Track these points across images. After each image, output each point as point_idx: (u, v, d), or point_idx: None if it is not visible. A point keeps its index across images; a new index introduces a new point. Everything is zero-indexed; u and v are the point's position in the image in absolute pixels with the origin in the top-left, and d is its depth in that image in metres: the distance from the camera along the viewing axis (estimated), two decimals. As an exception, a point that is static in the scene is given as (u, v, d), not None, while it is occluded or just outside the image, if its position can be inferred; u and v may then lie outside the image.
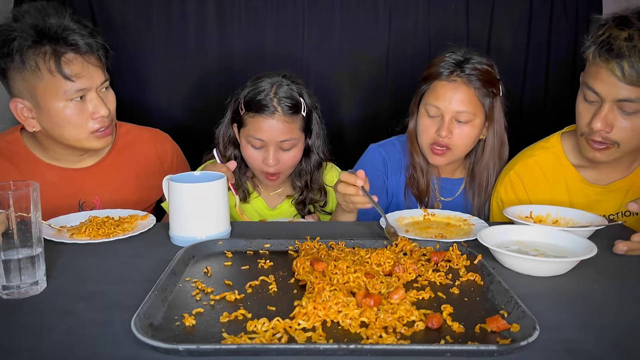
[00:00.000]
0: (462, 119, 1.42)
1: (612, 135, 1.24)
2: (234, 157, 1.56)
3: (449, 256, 1.00)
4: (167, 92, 2.14)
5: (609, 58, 1.17)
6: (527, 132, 2.11)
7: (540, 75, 2.18)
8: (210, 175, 1.20)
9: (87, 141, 1.36)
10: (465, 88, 1.41)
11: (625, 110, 1.21)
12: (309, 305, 0.76)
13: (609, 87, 1.19)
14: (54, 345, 0.70)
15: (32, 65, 1.24)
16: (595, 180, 1.40)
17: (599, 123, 1.23)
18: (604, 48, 1.18)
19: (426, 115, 1.46)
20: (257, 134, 1.44)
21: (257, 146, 1.46)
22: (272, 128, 1.43)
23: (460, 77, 1.41)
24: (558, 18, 2.13)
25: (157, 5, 2.07)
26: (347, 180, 1.20)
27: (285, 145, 1.46)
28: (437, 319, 0.74)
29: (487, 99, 1.43)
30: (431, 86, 1.45)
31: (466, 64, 1.42)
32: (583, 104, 1.28)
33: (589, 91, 1.24)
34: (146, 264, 0.98)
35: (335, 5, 2.11)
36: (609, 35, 1.18)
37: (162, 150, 1.60)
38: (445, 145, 1.44)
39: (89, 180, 1.46)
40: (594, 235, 1.13)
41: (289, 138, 1.45)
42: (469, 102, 1.41)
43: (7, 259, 0.84)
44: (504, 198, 1.45)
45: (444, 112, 1.42)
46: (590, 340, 0.72)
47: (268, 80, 1.47)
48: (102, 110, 1.32)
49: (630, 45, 1.14)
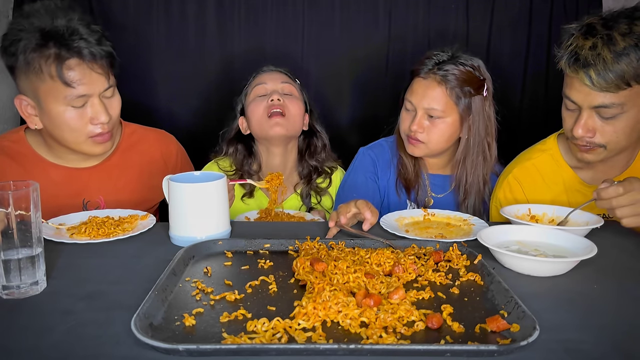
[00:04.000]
0: (434, 115, 1.46)
1: (596, 139, 1.27)
2: (236, 152, 1.67)
3: (449, 256, 1.00)
4: (167, 91, 2.14)
5: (577, 68, 1.20)
6: (527, 133, 2.12)
7: (540, 75, 2.18)
8: (210, 175, 1.20)
9: (85, 145, 1.36)
10: (437, 86, 1.45)
11: (603, 116, 1.23)
12: (309, 305, 0.76)
13: (583, 95, 1.22)
14: (54, 345, 0.70)
15: (36, 67, 1.24)
16: (592, 180, 1.41)
17: (580, 130, 1.26)
18: (572, 58, 1.21)
19: (404, 108, 1.54)
20: (260, 81, 1.64)
21: (262, 93, 1.63)
22: (273, 75, 1.66)
23: (435, 74, 1.45)
24: (558, 18, 2.13)
25: (157, 5, 2.07)
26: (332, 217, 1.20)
27: (286, 89, 1.64)
28: (437, 319, 0.74)
29: (463, 99, 1.46)
30: (412, 82, 1.52)
31: (446, 63, 1.45)
32: (565, 111, 1.32)
33: (567, 100, 1.28)
34: (146, 264, 0.98)
35: (335, 5, 2.11)
36: (575, 45, 1.21)
37: (166, 151, 1.60)
38: (416, 139, 1.49)
39: (93, 180, 1.46)
40: (592, 234, 1.13)
41: (287, 82, 1.65)
42: (439, 100, 1.45)
43: (7, 259, 0.84)
44: (503, 202, 1.45)
45: (416, 107, 1.48)
46: (590, 340, 0.72)
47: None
48: (102, 116, 1.32)
49: (595, 53, 1.17)
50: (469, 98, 1.46)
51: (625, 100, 1.20)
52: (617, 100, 1.19)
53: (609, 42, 1.17)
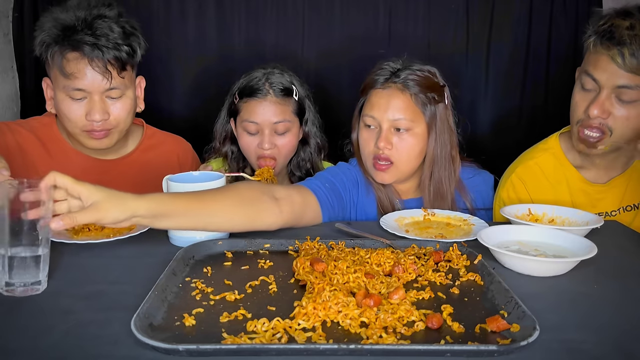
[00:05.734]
0: (401, 127, 1.33)
1: (608, 122, 1.27)
2: (230, 153, 1.62)
3: (449, 256, 1.00)
4: (166, 91, 2.14)
5: (610, 45, 1.21)
6: (527, 133, 2.12)
7: (540, 75, 2.17)
8: (209, 175, 1.20)
9: (81, 137, 1.39)
10: (401, 94, 1.33)
11: (622, 99, 1.24)
12: (309, 305, 0.76)
13: (608, 74, 1.23)
14: (54, 345, 0.70)
15: (49, 53, 1.31)
16: (595, 179, 1.41)
17: (596, 110, 1.25)
18: (605, 36, 1.22)
19: (365, 128, 1.38)
20: (250, 117, 1.50)
21: (252, 131, 1.51)
22: (265, 110, 1.49)
23: (395, 83, 1.34)
24: (558, 17, 2.12)
25: (157, 5, 2.07)
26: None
27: (279, 128, 1.50)
28: (437, 319, 0.74)
29: (428, 106, 1.34)
30: (368, 97, 1.39)
31: (402, 71, 1.35)
32: (580, 93, 1.31)
33: (588, 78, 1.27)
34: (146, 264, 0.98)
35: (335, 5, 2.10)
36: (611, 24, 1.22)
37: (183, 158, 1.63)
38: (386, 158, 1.34)
39: (111, 173, 1.48)
40: (592, 234, 1.13)
41: (282, 119, 1.50)
42: (406, 108, 1.33)
43: (12, 256, 0.83)
44: (507, 201, 1.45)
45: (380, 121, 1.34)
46: (590, 340, 0.72)
47: (261, 70, 1.56)
48: (95, 115, 1.33)
49: (632, 33, 1.19)
50: (434, 105, 1.35)
51: None
52: None
53: None
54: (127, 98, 1.39)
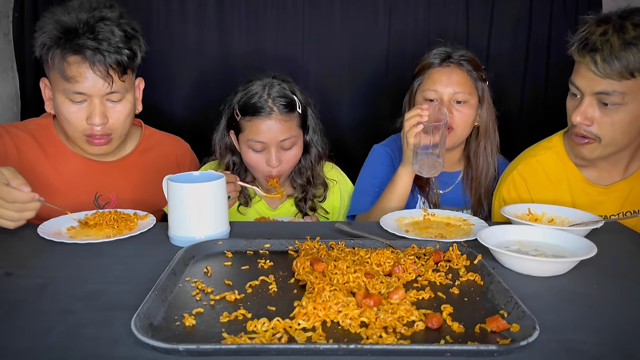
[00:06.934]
0: (460, 99, 1.52)
1: (593, 129, 1.28)
2: (232, 164, 1.58)
3: (448, 256, 1.00)
4: (166, 92, 2.13)
5: (584, 53, 1.23)
6: (527, 132, 2.12)
7: (540, 75, 2.17)
8: (209, 175, 1.20)
9: (81, 142, 1.39)
10: (459, 71, 1.54)
11: (604, 102, 1.24)
12: (309, 305, 0.76)
13: (587, 81, 1.25)
14: (54, 345, 0.70)
15: (49, 54, 1.30)
16: (596, 180, 1.41)
17: (578, 117, 1.28)
18: (582, 44, 1.24)
19: (423, 101, 1.55)
20: (256, 136, 1.45)
21: (259, 149, 1.47)
22: (271, 129, 1.44)
23: (452, 62, 1.55)
24: (558, 18, 2.13)
25: (157, 5, 2.07)
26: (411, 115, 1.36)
27: (285, 144, 1.48)
28: (437, 319, 0.74)
29: (479, 82, 1.56)
30: (426, 75, 1.57)
31: (453, 53, 1.56)
32: (570, 101, 1.34)
33: (572, 86, 1.30)
34: (146, 264, 0.98)
35: (335, 5, 2.11)
36: (587, 31, 1.24)
37: (182, 158, 1.63)
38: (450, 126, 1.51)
39: (109, 175, 1.48)
40: (591, 234, 1.13)
41: (288, 136, 1.46)
42: (464, 83, 1.53)
43: None
44: (507, 198, 1.45)
45: (442, 95, 1.53)
46: (590, 340, 0.72)
47: (259, 83, 1.48)
48: (95, 118, 1.33)
49: (604, 39, 1.20)
50: (482, 83, 1.57)
51: (627, 91, 1.21)
52: (619, 88, 1.21)
53: (620, 29, 1.19)
54: (126, 101, 1.39)
